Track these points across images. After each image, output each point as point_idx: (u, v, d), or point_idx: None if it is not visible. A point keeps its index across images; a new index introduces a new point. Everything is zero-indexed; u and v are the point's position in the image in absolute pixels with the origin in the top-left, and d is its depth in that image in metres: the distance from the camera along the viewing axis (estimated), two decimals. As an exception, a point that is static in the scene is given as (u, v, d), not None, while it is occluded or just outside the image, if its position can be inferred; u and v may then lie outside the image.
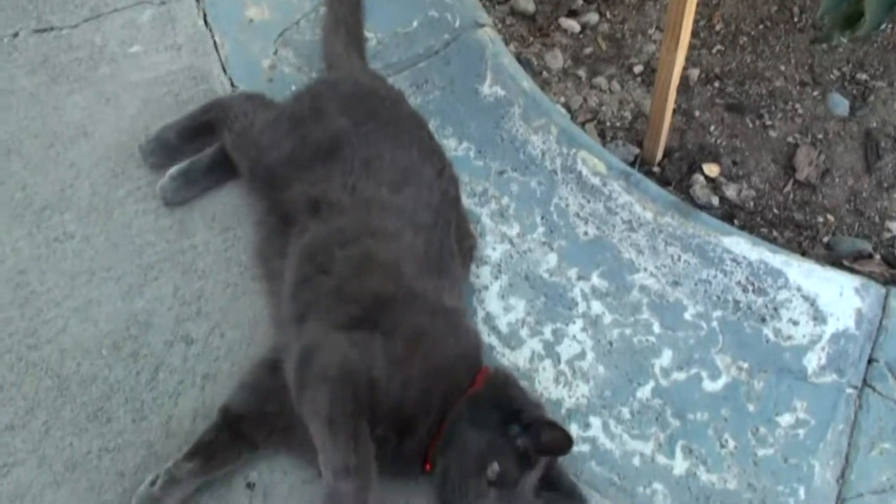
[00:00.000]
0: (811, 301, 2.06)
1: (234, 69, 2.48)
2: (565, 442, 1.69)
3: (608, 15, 2.64)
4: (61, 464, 1.88)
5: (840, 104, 2.41)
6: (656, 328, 2.04)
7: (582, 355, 2.02)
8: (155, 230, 2.20)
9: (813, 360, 2.00)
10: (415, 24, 2.53)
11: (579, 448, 1.92)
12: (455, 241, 1.99)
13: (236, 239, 2.19)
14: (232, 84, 2.45)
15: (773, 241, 2.21)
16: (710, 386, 1.99)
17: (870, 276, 2.12)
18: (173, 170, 2.20)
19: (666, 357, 2.01)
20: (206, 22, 2.57)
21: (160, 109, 2.40)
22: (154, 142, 2.25)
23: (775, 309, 2.05)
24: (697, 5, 2.00)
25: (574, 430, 1.94)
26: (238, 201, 2.24)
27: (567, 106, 2.48)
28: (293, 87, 2.42)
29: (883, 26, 2.47)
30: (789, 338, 2.03)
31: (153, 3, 2.60)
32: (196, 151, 2.23)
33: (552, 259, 2.14)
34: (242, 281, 2.13)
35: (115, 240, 2.18)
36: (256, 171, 2.08)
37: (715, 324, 2.05)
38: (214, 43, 2.53)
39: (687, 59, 2.45)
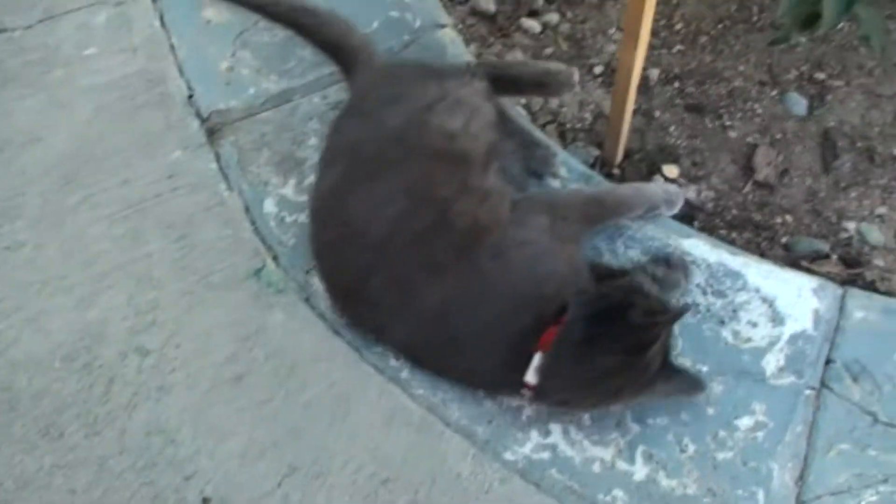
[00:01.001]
0: (769, 303, 2.06)
1: (191, 71, 2.45)
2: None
3: (568, 15, 2.62)
4: (12, 481, 1.85)
5: (798, 104, 2.42)
6: (616, 332, 2.04)
7: (541, 361, 2.01)
8: (108, 238, 2.16)
9: (771, 362, 2.00)
10: (375, 24, 2.50)
11: (539, 455, 1.91)
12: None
13: (192, 247, 2.16)
14: (189, 87, 2.42)
15: (732, 242, 2.21)
16: (669, 390, 1.98)
17: (827, 276, 2.13)
18: None
19: (625, 361, 2.00)
20: (162, 23, 2.53)
21: (114, 114, 2.36)
22: None
23: (734, 311, 2.05)
24: (657, 5, 1.99)
25: (534, 437, 1.93)
26: (194, 209, 2.21)
27: (527, 107, 2.47)
28: (252, 90, 2.40)
29: (840, 25, 2.47)
30: (748, 340, 2.03)
31: (108, 3, 2.56)
32: None
33: (511, 263, 2.12)
34: (198, 289, 2.11)
35: (67, 248, 2.15)
36: None
37: (674, 327, 2.04)
38: (171, 45, 2.49)
39: (647, 59, 2.44)
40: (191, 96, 2.40)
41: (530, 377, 1.83)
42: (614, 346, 1.78)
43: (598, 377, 1.81)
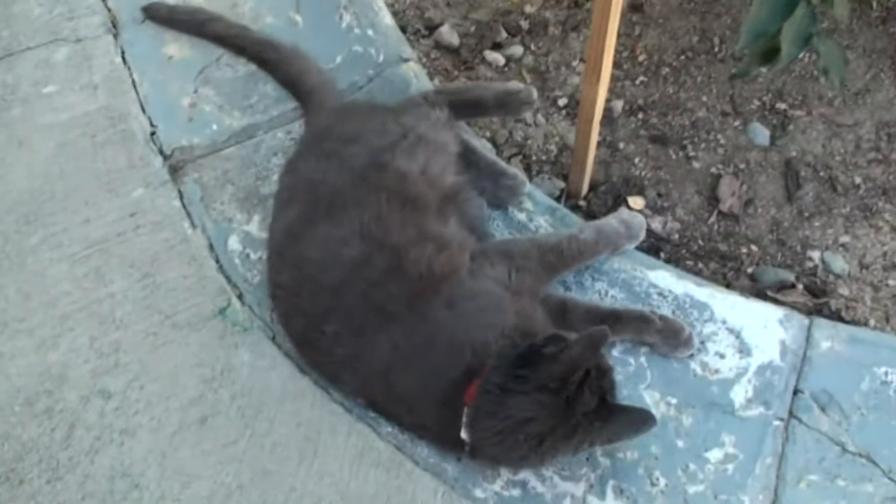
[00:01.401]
0: (736, 334, 2.06)
1: (153, 108, 2.43)
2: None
3: (532, 47, 2.64)
4: (-29, 530, 1.82)
5: (761, 134, 2.44)
6: (585, 366, 2.03)
7: (511, 396, 2.00)
8: (70, 278, 2.13)
9: (740, 394, 2.00)
10: (338, 59, 2.50)
11: (510, 493, 1.90)
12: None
13: (155, 286, 2.13)
14: (151, 124, 2.40)
15: (698, 273, 2.22)
16: (639, 423, 1.98)
17: (793, 306, 2.14)
18: None
19: (595, 395, 2.00)
20: (123, 60, 2.52)
21: (75, 152, 2.34)
22: None
23: (702, 342, 2.06)
24: (619, 36, 2.00)
25: (504, 474, 1.91)
26: (158, 247, 2.19)
27: (493, 140, 2.47)
28: (215, 126, 2.38)
29: (800, 55, 2.49)
30: (716, 371, 2.03)
31: (68, 41, 2.54)
32: None
33: (479, 298, 2.12)
34: (163, 330, 2.08)
35: (27, 290, 2.12)
36: None
37: (643, 359, 2.05)
38: (133, 81, 2.48)
39: (610, 91, 2.46)
40: (153, 133, 2.39)
41: (464, 434, 1.80)
42: (526, 387, 1.73)
43: (517, 424, 1.74)
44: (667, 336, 2.02)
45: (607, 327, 1.74)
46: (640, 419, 1.80)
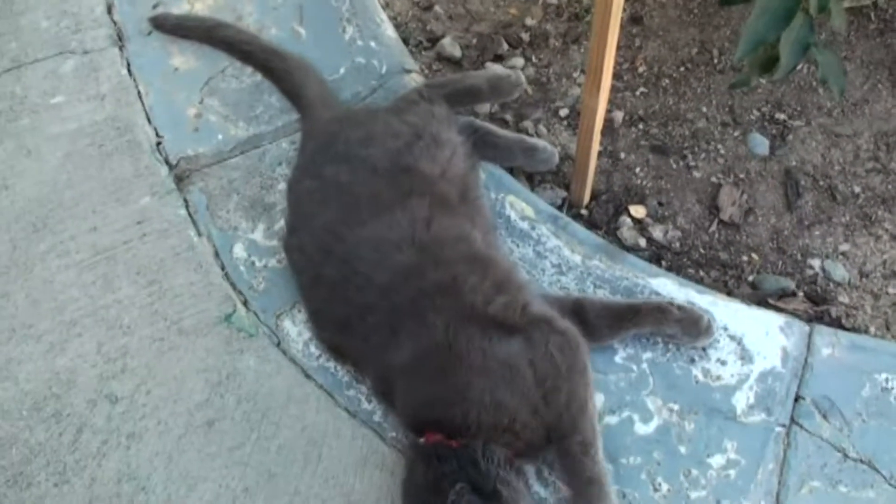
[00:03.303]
0: (738, 340, 2.08)
1: (159, 119, 2.46)
2: None
3: (533, 59, 2.66)
4: (-21, 533, 1.83)
5: (760, 144, 2.46)
6: (587, 372, 2.05)
7: (514, 401, 2.01)
8: (77, 285, 2.15)
9: (741, 400, 2.01)
10: (342, 70, 2.53)
11: (513, 496, 1.91)
12: None
13: (162, 293, 2.15)
14: (157, 134, 2.42)
15: (699, 281, 2.24)
16: (641, 429, 1.99)
17: (794, 313, 2.16)
18: None
19: (598, 401, 2.01)
20: (129, 71, 2.54)
21: (83, 161, 2.36)
22: None
23: (704, 349, 2.07)
24: (619, 48, 2.03)
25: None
26: (164, 255, 2.21)
27: (495, 150, 2.49)
28: (220, 136, 2.40)
29: (799, 67, 2.52)
30: (718, 378, 2.04)
31: (75, 52, 2.57)
32: None
33: (482, 305, 2.13)
34: (169, 335, 2.10)
35: (35, 296, 2.13)
36: None
37: (645, 366, 2.06)
38: (139, 92, 2.50)
39: (611, 102, 2.49)
40: (159, 143, 2.41)
41: None
42: None
43: None
44: (686, 326, 2.04)
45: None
46: None
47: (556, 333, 1.90)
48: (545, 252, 2.21)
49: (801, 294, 2.24)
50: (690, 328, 2.04)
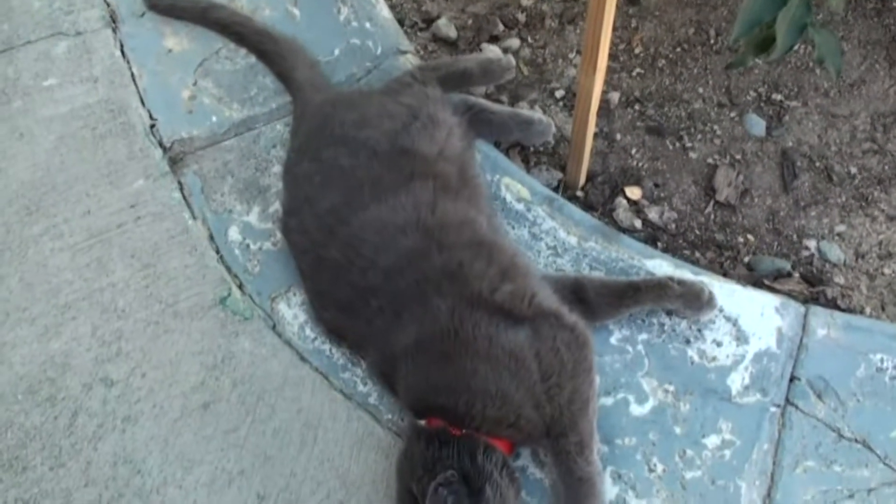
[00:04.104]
0: (733, 321, 2.08)
1: (153, 101, 2.45)
2: None
3: (529, 39, 2.65)
4: (-25, 516, 1.83)
5: (757, 125, 2.45)
6: (583, 353, 2.05)
7: (509, 383, 2.02)
8: (71, 268, 2.15)
9: (737, 381, 2.02)
10: (336, 52, 2.52)
11: (508, 478, 1.92)
12: None
13: (156, 276, 2.15)
14: (151, 116, 2.41)
15: (695, 262, 2.24)
16: (637, 410, 1.99)
17: (789, 294, 2.16)
18: None
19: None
20: (123, 53, 2.53)
21: (76, 144, 2.35)
22: None
23: (699, 330, 2.07)
24: (615, 28, 2.02)
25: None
26: (158, 238, 2.20)
27: (490, 132, 2.48)
28: (214, 118, 2.39)
29: (796, 47, 2.51)
30: (713, 359, 2.04)
31: (68, 34, 2.55)
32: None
33: (478, 287, 2.13)
34: (163, 319, 2.09)
35: (29, 279, 2.13)
36: None
37: (640, 347, 2.06)
38: (132, 74, 2.49)
39: (607, 83, 2.48)
40: (153, 125, 2.40)
41: None
42: None
43: None
44: (688, 300, 2.05)
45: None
46: None
47: (564, 329, 1.89)
48: (541, 234, 2.21)
49: (796, 275, 2.24)
50: (692, 302, 2.05)
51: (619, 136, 2.46)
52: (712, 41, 2.60)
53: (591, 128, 2.21)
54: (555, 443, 1.84)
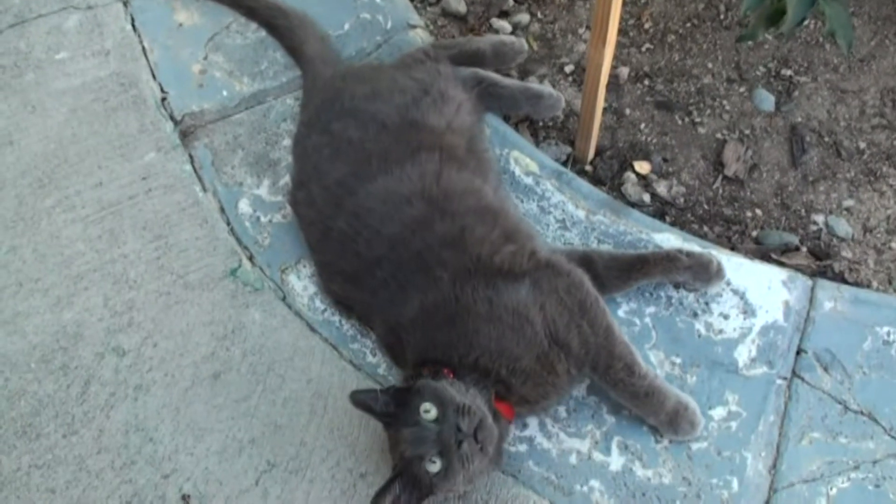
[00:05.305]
0: (741, 295, 2.09)
1: (164, 74, 2.46)
2: None
3: (539, 15, 2.65)
4: (-10, 481, 1.86)
5: (766, 100, 2.45)
6: (590, 326, 2.06)
7: (517, 355, 2.03)
8: (84, 239, 2.17)
9: (743, 353, 2.03)
10: (346, 26, 2.52)
11: (517, 448, 1.93)
12: None
13: (168, 247, 2.17)
14: (162, 90, 2.42)
15: (703, 236, 2.24)
16: (644, 382, 2.01)
17: (797, 268, 2.16)
18: None
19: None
20: (133, 27, 2.54)
21: (88, 116, 2.36)
22: None
23: (706, 304, 2.08)
24: (625, 4, 2.02)
25: (511, 430, 1.94)
26: (169, 210, 2.22)
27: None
28: (225, 92, 2.40)
29: (805, 22, 2.51)
30: (720, 332, 2.05)
31: (79, 8, 2.57)
32: None
33: (486, 260, 2.14)
34: (175, 290, 2.11)
35: (42, 250, 2.15)
36: None
37: (648, 320, 2.07)
38: (143, 48, 2.50)
39: (616, 58, 2.48)
40: (164, 99, 2.41)
41: None
42: None
43: None
44: (697, 271, 2.06)
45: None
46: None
47: (561, 276, 1.92)
48: (549, 207, 2.22)
49: (804, 249, 2.24)
50: (701, 273, 2.06)
51: (628, 111, 2.46)
52: (722, 16, 2.59)
53: (601, 102, 2.21)
54: (606, 376, 1.90)
